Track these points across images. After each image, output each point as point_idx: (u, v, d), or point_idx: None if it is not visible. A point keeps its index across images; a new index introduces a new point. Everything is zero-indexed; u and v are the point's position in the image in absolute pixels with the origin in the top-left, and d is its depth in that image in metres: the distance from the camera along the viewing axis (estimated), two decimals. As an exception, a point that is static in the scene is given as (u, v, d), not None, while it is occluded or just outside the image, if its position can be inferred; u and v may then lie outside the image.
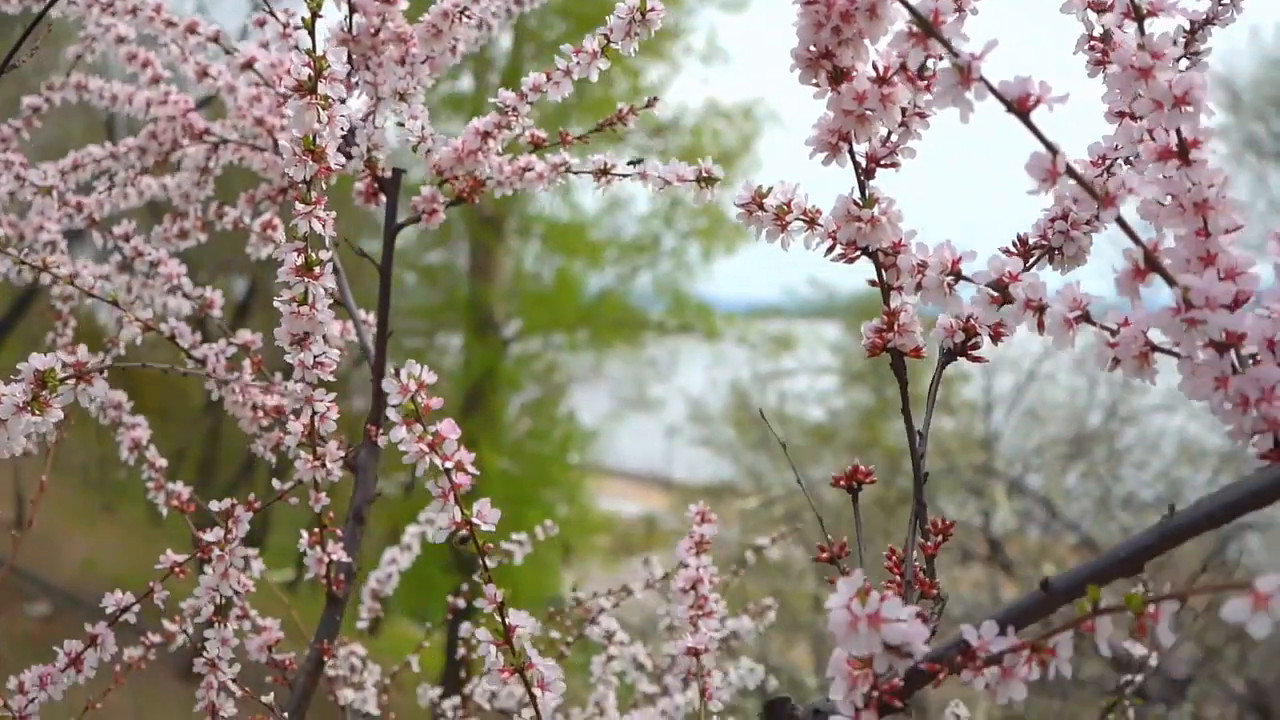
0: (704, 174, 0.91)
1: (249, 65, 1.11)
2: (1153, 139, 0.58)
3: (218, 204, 1.27)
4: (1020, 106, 0.53)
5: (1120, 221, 0.54)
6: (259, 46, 1.15)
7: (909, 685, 0.57)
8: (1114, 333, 0.58)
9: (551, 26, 9.33)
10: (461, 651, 1.37)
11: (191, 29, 1.14)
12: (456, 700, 1.47)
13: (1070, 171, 0.53)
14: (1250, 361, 0.56)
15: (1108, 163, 0.72)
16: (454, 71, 9.71)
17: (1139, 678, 1.15)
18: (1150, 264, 0.54)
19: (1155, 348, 0.57)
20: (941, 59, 0.57)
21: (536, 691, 0.68)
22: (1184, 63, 0.75)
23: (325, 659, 1.03)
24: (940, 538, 0.67)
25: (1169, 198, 0.57)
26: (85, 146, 1.31)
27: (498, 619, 0.69)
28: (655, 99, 1.05)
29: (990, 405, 7.26)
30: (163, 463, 1.14)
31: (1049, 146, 0.53)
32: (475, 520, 0.67)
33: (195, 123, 1.22)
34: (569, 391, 11.93)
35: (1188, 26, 0.75)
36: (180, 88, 1.29)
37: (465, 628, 1.15)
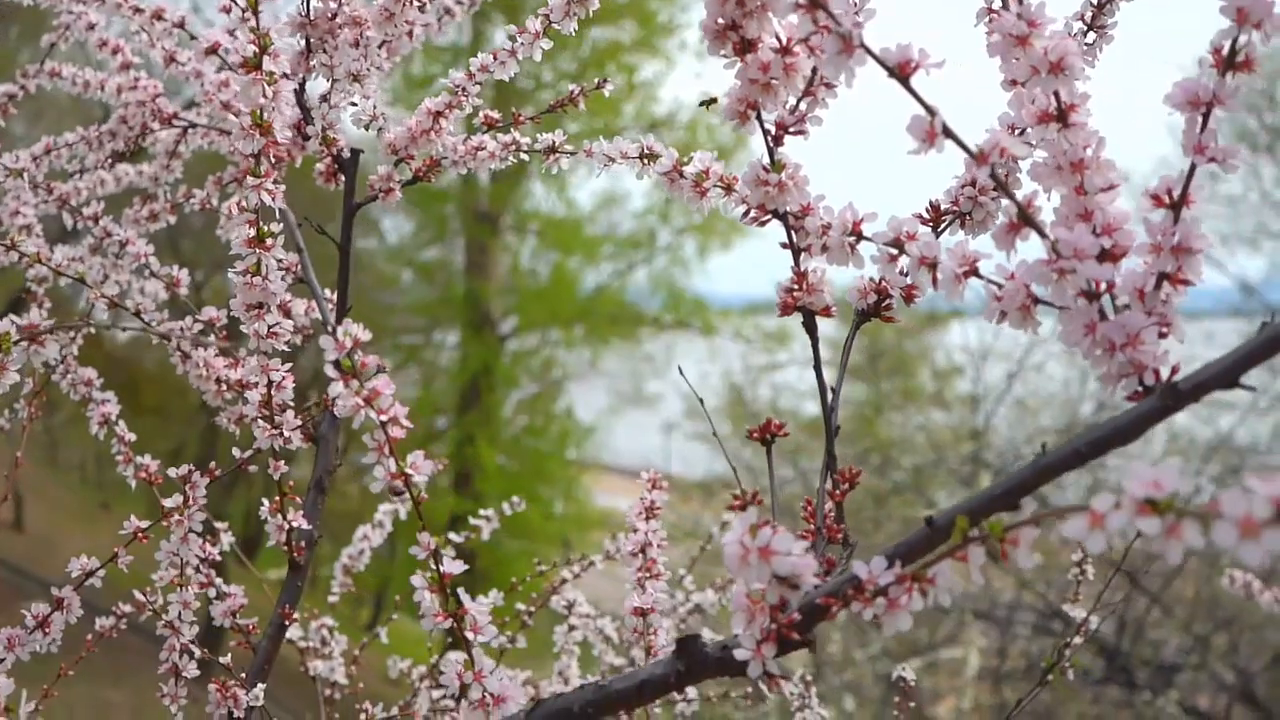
0: (646, 151, 0.94)
1: (213, 51, 1.14)
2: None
3: (186, 187, 1.31)
4: (901, 72, 0.57)
5: (995, 178, 0.57)
6: (225, 32, 1.18)
7: (807, 620, 0.61)
8: (1000, 287, 0.62)
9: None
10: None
11: (158, 15, 1.17)
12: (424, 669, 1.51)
13: (946, 132, 0.56)
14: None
15: (1016, 132, 0.75)
16: (446, 70, 9.77)
17: (1077, 640, 1.18)
18: (1024, 219, 0.57)
19: (1037, 299, 0.61)
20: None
21: (469, 635, 0.71)
22: (1090, 35, 0.79)
23: (287, 623, 1.07)
24: (848, 485, 0.71)
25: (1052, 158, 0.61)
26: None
27: (433, 566, 0.72)
28: (604, 80, 1.09)
29: (978, 398, 7.29)
30: (132, 437, 1.18)
31: (928, 109, 0.57)
32: (410, 471, 0.70)
33: (164, 107, 1.26)
34: (566, 388, 11.98)
35: (1095, 1, 0.78)
36: (178, 91, 1.33)
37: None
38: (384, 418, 0.69)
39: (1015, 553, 0.51)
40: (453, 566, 0.72)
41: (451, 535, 1.37)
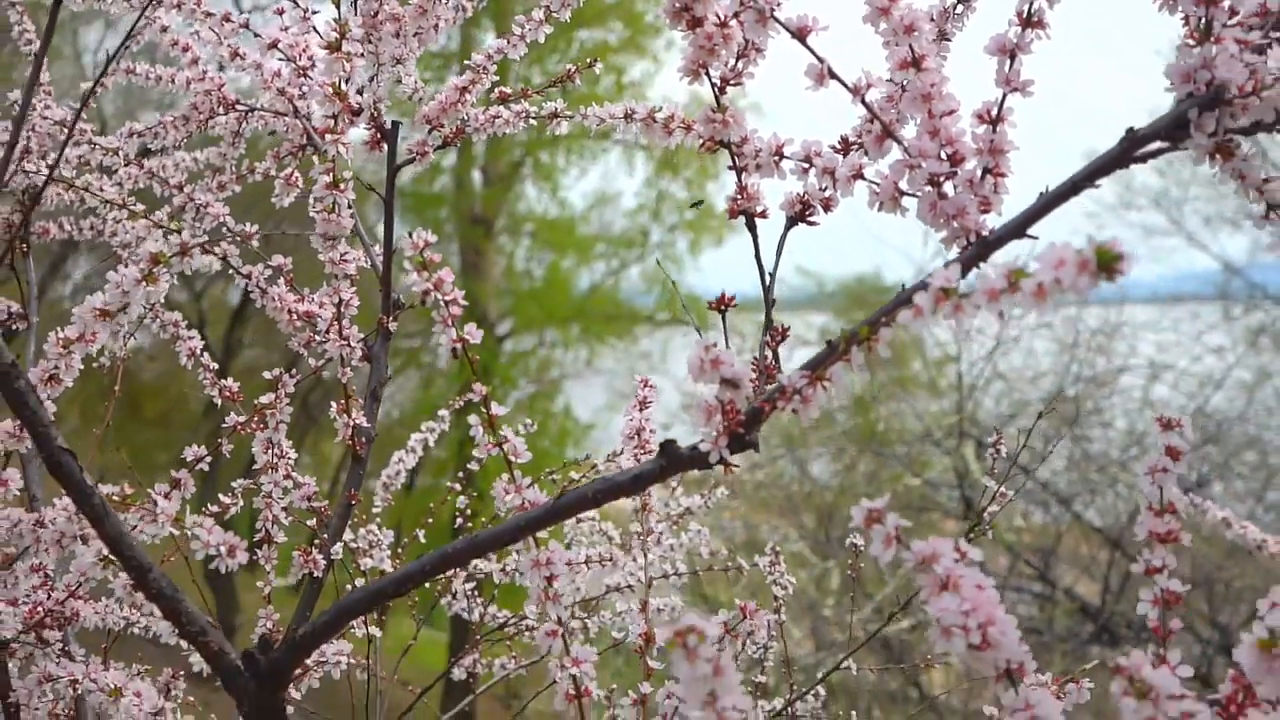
0: (628, 113, 1.20)
1: (274, 45, 1.40)
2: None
3: (248, 162, 1.57)
4: (801, 34, 0.83)
5: (864, 103, 0.83)
6: (280, 30, 1.44)
7: (750, 421, 0.87)
8: (877, 185, 0.88)
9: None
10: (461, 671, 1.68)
11: (226, 18, 1.43)
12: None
13: (832, 74, 0.82)
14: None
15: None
16: (438, 74, 10.03)
17: (993, 508, 1.44)
18: (886, 132, 0.84)
19: (903, 192, 0.87)
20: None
21: (511, 458, 0.97)
22: (959, 7, 1.05)
23: (353, 503, 1.32)
24: (781, 337, 0.97)
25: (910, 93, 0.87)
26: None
27: (483, 410, 0.98)
28: (594, 60, 1.35)
29: (961, 373, 7.56)
30: (215, 366, 1.43)
31: (819, 59, 0.83)
32: (466, 336, 0.96)
33: (227, 95, 1.52)
34: (563, 387, 12.23)
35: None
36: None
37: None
38: (447, 298, 0.95)
39: (877, 347, 0.77)
40: (498, 409, 0.98)
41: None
